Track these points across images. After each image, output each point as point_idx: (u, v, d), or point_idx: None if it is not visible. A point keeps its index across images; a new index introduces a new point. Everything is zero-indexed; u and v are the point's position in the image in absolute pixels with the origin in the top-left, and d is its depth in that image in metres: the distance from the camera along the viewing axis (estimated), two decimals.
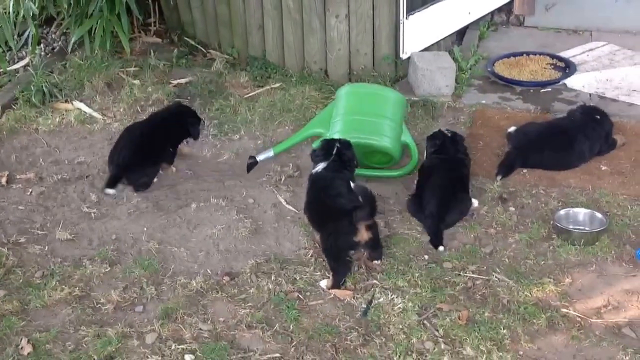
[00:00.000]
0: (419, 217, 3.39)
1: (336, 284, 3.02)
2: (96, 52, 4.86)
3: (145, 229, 3.43)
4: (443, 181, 3.42)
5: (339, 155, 3.29)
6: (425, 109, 4.29)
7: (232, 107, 4.41)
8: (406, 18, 4.52)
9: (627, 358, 2.66)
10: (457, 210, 3.38)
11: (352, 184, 3.22)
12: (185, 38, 5.20)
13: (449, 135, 3.65)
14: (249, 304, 2.96)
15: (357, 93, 3.93)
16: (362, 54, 4.57)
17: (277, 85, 4.63)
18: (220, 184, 3.76)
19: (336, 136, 3.50)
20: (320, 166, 3.28)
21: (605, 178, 3.67)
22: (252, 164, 3.78)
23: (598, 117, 3.85)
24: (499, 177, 3.67)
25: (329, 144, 3.36)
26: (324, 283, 3.04)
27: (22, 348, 2.78)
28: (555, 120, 4.05)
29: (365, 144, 3.58)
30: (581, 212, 3.36)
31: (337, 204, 3.07)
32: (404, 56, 4.59)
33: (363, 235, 3.02)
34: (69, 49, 5.01)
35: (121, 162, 3.66)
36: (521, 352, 2.69)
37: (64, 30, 5.32)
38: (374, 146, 3.61)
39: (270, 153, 3.83)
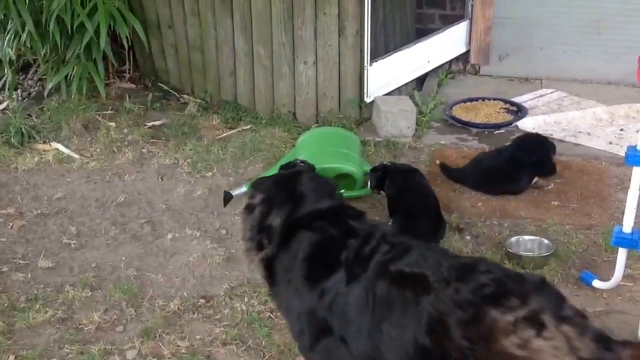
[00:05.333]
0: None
1: None
2: (73, 96, 5.08)
3: (123, 257, 3.61)
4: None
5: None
6: (388, 149, 4.58)
7: (205, 147, 4.64)
8: (370, 65, 4.84)
9: None
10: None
11: None
12: (159, 84, 5.46)
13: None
14: (224, 323, 3.14)
15: (317, 134, 4.40)
16: (328, 97, 4.86)
17: (248, 127, 4.89)
18: (194, 216, 3.96)
19: None
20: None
21: (553, 210, 3.96)
22: (227, 198, 3.99)
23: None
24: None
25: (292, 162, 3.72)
26: None
27: None
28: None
29: (331, 169, 3.89)
30: (530, 239, 3.63)
31: None
32: (368, 100, 4.90)
33: None
34: (46, 94, 5.23)
35: None
36: None
37: (41, 76, 5.55)
38: (339, 170, 3.92)
39: (243, 189, 4.05)
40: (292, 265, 2.26)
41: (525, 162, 4.12)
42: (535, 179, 4.15)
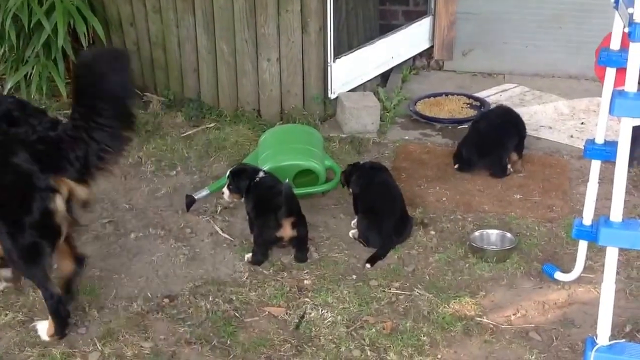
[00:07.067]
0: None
1: (253, 262, 3.50)
2: (33, 96, 5.00)
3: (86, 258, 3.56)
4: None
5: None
6: (353, 145, 4.59)
7: (169, 145, 4.61)
8: (333, 61, 4.84)
9: (532, 357, 2.93)
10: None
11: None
12: None
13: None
14: (188, 322, 3.12)
15: (279, 131, 4.37)
16: (292, 94, 4.85)
17: (212, 124, 4.86)
18: (158, 215, 3.92)
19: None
20: (261, 174, 3.67)
21: (516, 204, 4.00)
22: (190, 203, 3.95)
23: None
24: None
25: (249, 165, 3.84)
26: (247, 256, 3.51)
27: None
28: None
29: (294, 165, 3.91)
30: (493, 233, 3.67)
31: (275, 201, 3.45)
32: (332, 96, 4.90)
33: (287, 231, 3.41)
34: (5, 93, 5.13)
35: None
36: (439, 356, 2.93)
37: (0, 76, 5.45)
38: (302, 166, 3.92)
39: (206, 192, 4.01)
40: None
41: (513, 125, 4.32)
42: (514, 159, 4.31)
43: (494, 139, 4.25)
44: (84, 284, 3.35)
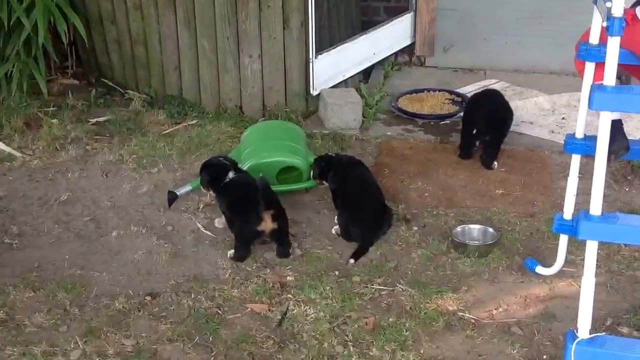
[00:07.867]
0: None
1: (235, 258, 3.49)
2: (14, 93, 4.96)
3: (67, 256, 3.53)
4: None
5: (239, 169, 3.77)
6: (335, 141, 4.59)
7: (150, 142, 4.58)
8: (315, 57, 4.84)
9: (514, 351, 2.94)
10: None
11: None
12: (103, 79, 5.36)
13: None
14: (170, 320, 3.10)
15: (261, 127, 4.36)
16: (274, 90, 4.84)
17: (194, 121, 4.85)
18: (140, 213, 3.91)
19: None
20: (232, 174, 3.65)
21: (498, 199, 4.02)
22: (172, 199, 3.94)
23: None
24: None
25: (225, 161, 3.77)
26: (230, 253, 3.50)
27: None
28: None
29: (277, 162, 3.91)
30: (475, 228, 3.69)
31: (252, 196, 3.44)
32: (314, 92, 4.89)
33: (267, 224, 3.42)
34: None
35: None
36: (422, 351, 2.94)
37: None
38: (285, 163, 3.92)
39: (188, 187, 4.00)
40: None
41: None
42: None
43: (500, 118, 4.41)
44: (66, 282, 3.33)
